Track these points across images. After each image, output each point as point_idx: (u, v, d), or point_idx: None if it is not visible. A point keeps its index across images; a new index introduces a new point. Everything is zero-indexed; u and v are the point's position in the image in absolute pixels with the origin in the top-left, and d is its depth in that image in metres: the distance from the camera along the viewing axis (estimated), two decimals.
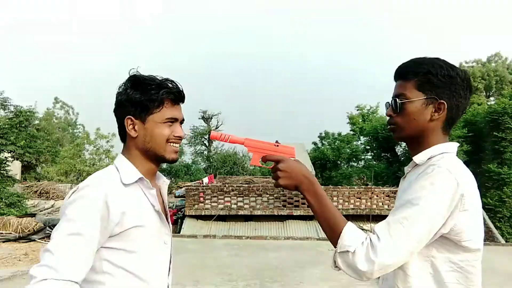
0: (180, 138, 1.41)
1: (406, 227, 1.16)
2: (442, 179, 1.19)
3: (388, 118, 1.39)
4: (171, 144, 1.39)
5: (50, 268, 1.14)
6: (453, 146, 1.34)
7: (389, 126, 1.40)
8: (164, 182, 1.51)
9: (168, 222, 1.45)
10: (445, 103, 1.30)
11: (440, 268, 1.23)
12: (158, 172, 1.49)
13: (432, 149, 1.31)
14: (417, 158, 1.32)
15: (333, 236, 1.24)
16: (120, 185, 1.31)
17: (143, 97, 1.34)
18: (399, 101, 1.32)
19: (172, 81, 1.40)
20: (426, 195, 1.18)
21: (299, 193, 1.30)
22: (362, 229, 1.33)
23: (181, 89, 1.41)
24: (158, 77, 1.39)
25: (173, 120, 1.39)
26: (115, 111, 1.41)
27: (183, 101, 1.43)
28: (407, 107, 1.32)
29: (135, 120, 1.36)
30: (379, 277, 1.33)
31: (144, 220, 1.32)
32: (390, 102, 1.38)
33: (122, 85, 1.40)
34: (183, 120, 1.44)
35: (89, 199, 1.23)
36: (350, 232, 1.21)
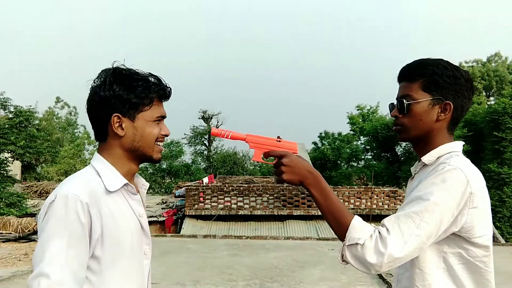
0: (167, 136, 1.35)
1: (417, 221, 1.17)
2: (453, 177, 1.21)
3: (392, 119, 1.40)
4: (158, 143, 1.33)
5: (53, 280, 1.11)
6: (459, 145, 1.36)
7: (394, 127, 1.40)
8: (143, 185, 1.43)
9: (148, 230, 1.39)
10: (451, 103, 1.31)
11: (453, 263, 1.25)
12: (138, 176, 1.42)
13: (439, 149, 1.33)
14: (426, 158, 1.34)
15: (340, 229, 1.23)
16: (102, 192, 1.24)
17: (133, 93, 1.26)
18: (406, 102, 1.33)
19: (156, 77, 1.33)
20: (437, 191, 1.19)
21: (304, 188, 1.28)
22: None
23: (168, 86, 1.34)
24: (142, 72, 1.31)
25: (161, 118, 1.34)
26: (95, 107, 1.29)
27: (169, 99, 1.36)
28: (414, 108, 1.33)
29: (123, 118, 1.27)
30: (390, 279, 1.33)
31: (126, 230, 1.26)
32: (395, 103, 1.39)
33: (102, 80, 1.29)
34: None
35: (72, 209, 1.16)
36: (358, 225, 1.20)
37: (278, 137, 1.38)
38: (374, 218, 15.59)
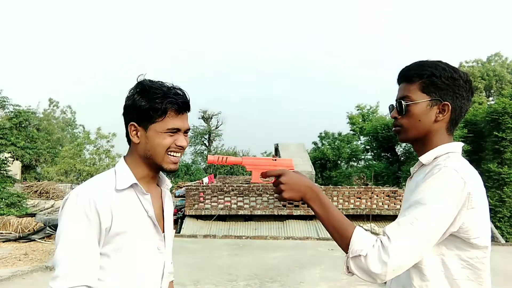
0: (182, 147, 1.39)
1: (416, 226, 1.18)
2: (449, 178, 1.21)
3: (392, 120, 1.42)
4: (171, 154, 1.38)
5: (61, 278, 1.21)
6: (458, 145, 1.36)
7: (394, 128, 1.42)
8: (166, 185, 1.51)
9: (165, 227, 1.45)
10: (449, 104, 1.32)
11: (450, 265, 1.25)
12: (162, 175, 1.50)
13: (437, 149, 1.33)
14: (424, 158, 1.35)
15: (343, 242, 1.24)
16: (112, 190, 1.32)
17: (147, 105, 1.33)
18: (405, 103, 1.34)
19: (179, 89, 1.38)
20: (434, 195, 1.20)
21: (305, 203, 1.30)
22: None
23: (186, 99, 1.38)
24: (166, 84, 1.37)
25: (175, 130, 1.37)
26: (123, 115, 1.42)
27: (188, 111, 1.41)
28: (412, 109, 1.34)
29: (138, 127, 1.36)
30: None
31: (135, 226, 1.33)
32: (394, 105, 1.40)
33: (130, 90, 1.39)
34: (188, 129, 1.42)
35: (80, 207, 1.25)
36: (360, 236, 1.21)
37: (273, 156, 1.40)
38: (374, 218, 15.59)
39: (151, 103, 1.33)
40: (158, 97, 1.33)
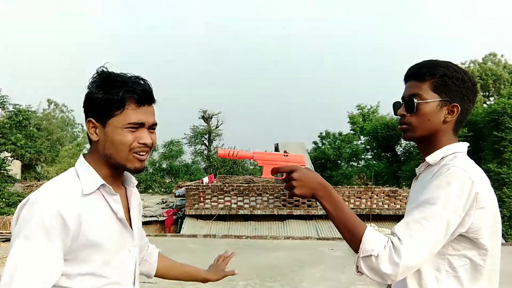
0: (146, 145, 1.23)
1: (426, 227, 1.17)
2: (458, 178, 1.21)
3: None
4: (136, 154, 1.22)
5: None
6: (464, 146, 1.36)
7: (400, 126, 1.40)
8: (132, 183, 1.37)
9: (132, 227, 1.32)
10: (459, 106, 1.32)
11: (456, 264, 1.25)
12: (127, 173, 1.35)
13: (444, 149, 1.33)
14: (430, 158, 1.34)
15: (353, 241, 1.22)
16: (78, 194, 1.19)
17: (104, 96, 1.18)
18: (416, 101, 1.33)
19: (140, 79, 1.23)
20: (443, 195, 1.19)
21: (316, 200, 1.29)
22: None
23: (148, 88, 1.23)
24: (127, 75, 1.23)
25: (137, 126, 1.21)
26: (83, 111, 1.26)
27: (151, 103, 1.25)
28: (423, 107, 1.33)
29: (96, 123, 1.21)
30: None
31: (104, 231, 1.21)
32: (402, 102, 1.38)
33: (89, 82, 1.24)
34: (155, 124, 1.26)
35: (43, 214, 1.11)
36: (372, 236, 1.20)
37: (285, 151, 1.39)
38: (374, 217, 15.61)
39: (108, 94, 1.18)
40: (115, 86, 1.18)
